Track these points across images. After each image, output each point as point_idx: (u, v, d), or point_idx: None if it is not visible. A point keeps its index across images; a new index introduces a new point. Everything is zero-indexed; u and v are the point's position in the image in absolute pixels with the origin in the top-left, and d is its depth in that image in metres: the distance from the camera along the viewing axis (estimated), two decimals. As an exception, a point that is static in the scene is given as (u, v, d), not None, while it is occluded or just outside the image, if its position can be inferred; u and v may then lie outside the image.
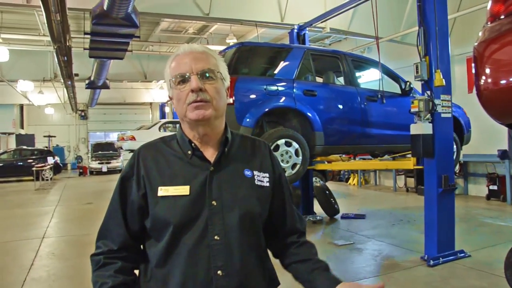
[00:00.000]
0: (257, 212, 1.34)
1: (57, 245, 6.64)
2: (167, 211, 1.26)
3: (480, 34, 2.17)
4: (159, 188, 1.29)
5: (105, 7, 7.04)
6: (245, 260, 1.22)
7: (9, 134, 23.58)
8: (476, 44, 2.14)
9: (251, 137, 1.52)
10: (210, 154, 1.35)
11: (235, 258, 1.23)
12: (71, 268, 5.39)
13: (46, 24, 8.05)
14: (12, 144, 22.78)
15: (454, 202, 5.26)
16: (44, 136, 24.86)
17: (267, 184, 1.39)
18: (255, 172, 1.38)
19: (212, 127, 1.34)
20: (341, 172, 15.42)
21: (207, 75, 1.29)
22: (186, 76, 1.28)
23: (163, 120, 17.79)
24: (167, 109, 23.95)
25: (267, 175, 1.40)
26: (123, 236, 1.33)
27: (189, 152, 1.34)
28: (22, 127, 24.87)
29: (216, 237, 1.24)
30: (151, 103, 27.25)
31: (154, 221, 1.29)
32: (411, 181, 11.83)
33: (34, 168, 15.76)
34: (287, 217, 1.46)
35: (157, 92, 23.55)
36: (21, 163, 18.84)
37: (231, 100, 5.26)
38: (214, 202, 1.27)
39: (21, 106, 24.27)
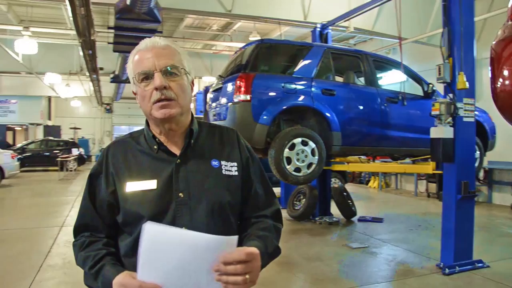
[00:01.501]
0: (226, 201, 1.32)
1: (74, 235, 6.74)
2: (137, 206, 1.25)
3: (499, 32, 2.05)
4: (127, 183, 1.28)
5: (128, 2, 7.11)
6: None
7: (37, 125, 24.21)
8: (493, 43, 2.03)
9: (221, 126, 1.49)
10: (177, 147, 1.34)
11: None
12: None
13: (71, 18, 8.18)
14: (40, 135, 23.43)
15: (473, 210, 5.08)
16: (70, 128, 25.47)
17: (236, 173, 1.37)
18: (223, 162, 1.36)
19: (178, 123, 1.32)
20: (362, 174, 15.20)
21: (171, 71, 1.27)
22: (149, 73, 1.25)
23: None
24: (190, 105, 24.10)
25: (235, 164, 1.38)
26: (101, 225, 1.33)
27: (155, 147, 1.33)
28: (49, 119, 25.53)
29: (183, 228, 1.22)
30: (174, 99, 27.47)
31: (125, 216, 1.28)
32: (433, 186, 11.55)
33: (58, 159, 16.11)
34: (250, 201, 1.41)
35: (180, 88, 23.68)
36: (47, 154, 19.27)
37: (248, 97, 5.24)
38: (181, 194, 1.27)
39: (49, 98, 24.91)
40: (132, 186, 1.27)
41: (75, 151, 19.24)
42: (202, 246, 1.06)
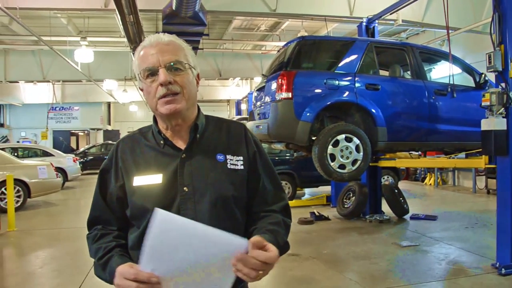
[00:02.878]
0: (230, 195, 1.32)
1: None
2: (143, 200, 1.29)
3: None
4: (135, 178, 1.32)
5: (173, 7, 7.34)
6: None
7: (98, 130, 25.56)
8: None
9: (228, 120, 1.49)
10: (183, 141, 1.36)
11: None
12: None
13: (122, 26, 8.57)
14: (100, 139, 24.69)
15: (532, 206, 4.77)
16: (128, 132, 26.56)
17: (241, 167, 1.36)
18: (228, 156, 1.36)
19: (183, 118, 1.34)
20: (417, 171, 14.67)
21: (175, 67, 1.28)
22: (153, 69, 1.27)
23: (237, 117, 18.12)
24: (243, 106, 24.39)
25: (241, 158, 1.37)
26: (112, 219, 1.39)
27: (161, 142, 1.36)
28: (109, 123, 26.83)
29: None
30: (228, 100, 27.91)
31: (133, 210, 1.32)
32: (493, 182, 10.91)
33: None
34: (259, 195, 1.40)
35: (233, 89, 24.10)
36: (107, 157, 20.20)
37: (289, 95, 5.24)
38: (185, 188, 1.28)
39: (108, 104, 26.19)
40: (139, 180, 1.31)
41: (132, 154, 20.01)
42: (212, 241, 1.08)
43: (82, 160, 17.22)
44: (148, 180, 1.30)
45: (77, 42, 13.09)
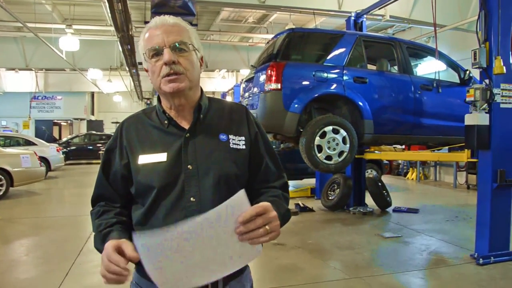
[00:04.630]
0: (233, 173, 1.36)
1: (114, 222, 7.05)
2: (148, 177, 1.32)
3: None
4: (140, 156, 1.35)
5: (163, -4, 7.28)
6: None
7: (81, 120, 25.23)
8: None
9: (229, 101, 1.54)
10: (186, 121, 1.40)
11: None
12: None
13: (110, 14, 8.47)
14: (84, 129, 24.42)
15: (510, 199, 4.92)
16: (112, 123, 26.31)
17: (243, 147, 1.41)
18: (231, 136, 1.40)
19: (186, 98, 1.38)
20: (400, 166, 14.91)
21: (180, 47, 1.31)
22: (158, 49, 1.31)
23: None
24: (228, 98, 24.36)
25: (243, 138, 1.42)
26: (115, 196, 1.43)
27: (165, 121, 1.39)
28: (92, 114, 26.50)
29: (192, 198, 1.29)
30: (213, 92, 27.81)
31: (138, 187, 1.36)
32: (473, 178, 11.16)
33: (101, 152, 16.73)
34: (261, 175, 1.46)
35: (219, 81, 24.02)
36: (90, 147, 20.03)
37: (278, 86, 5.29)
38: (189, 166, 1.32)
39: (92, 94, 25.85)
40: (144, 159, 1.34)
41: (117, 145, 19.86)
42: (214, 220, 1.10)
43: (65, 150, 17.00)
44: (153, 158, 1.33)
45: (62, 30, 12.87)
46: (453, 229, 6.53)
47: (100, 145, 19.78)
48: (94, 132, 21.87)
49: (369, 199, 8.15)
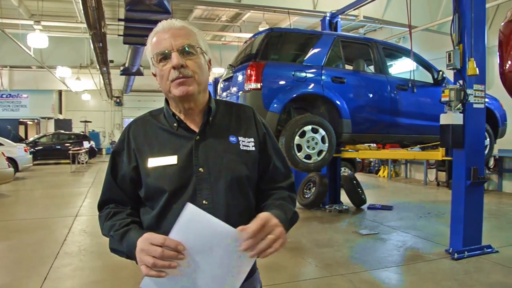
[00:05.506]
0: (244, 175, 1.36)
1: (89, 223, 6.90)
2: (158, 180, 1.31)
3: (507, 14, 2.08)
4: (149, 159, 1.34)
5: (138, -7, 7.16)
6: (232, 222, 1.20)
7: (48, 118, 24.50)
8: (502, 25, 2.07)
9: (237, 103, 1.54)
10: (195, 124, 1.39)
11: (222, 220, 1.22)
12: (100, 245, 5.59)
13: (82, 11, 8.27)
14: (51, 129, 23.69)
15: (483, 196, 5.13)
16: (81, 122, 25.71)
17: (253, 149, 1.41)
18: (240, 138, 1.41)
19: (195, 101, 1.37)
20: (371, 163, 15.22)
21: (188, 50, 1.31)
22: (167, 53, 1.30)
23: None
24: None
25: (252, 139, 1.42)
26: (125, 199, 1.41)
27: (175, 124, 1.38)
28: (60, 112, 25.77)
29: (204, 201, 1.28)
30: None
31: (148, 191, 1.34)
32: (443, 175, 11.55)
33: (70, 152, 16.34)
34: (269, 175, 1.47)
35: (190, 80, 23.72)
36: (58, 147, 19.51)
37: (258, 86, 5.30)
38: (201, 169, 1.32)
39: (60, 92, 25.12)
40: (154, 162, 1.32)
41: (86, 144, 19.44)
42: (230, 237, 1.14)
43: (32, 150, 16.49)
44: (163, 161, 1.32)
45: (30, 26, 12.48)
46: (427, 225, 6.72)
47: (69, 144, 19.30)
48: (62, 131, 21.27)
49: (344, 197, 8.29)
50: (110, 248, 1.33)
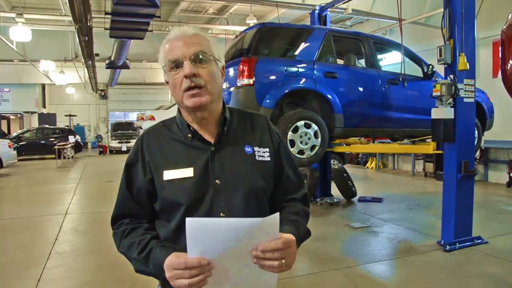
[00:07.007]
0: (261, 187, 1.35)
1: (80, 221, 6.83)
2: (175, 194, 1.29)
3: (509, 16, 2.11)
4: (165, 172, 1.31)
5: (126, -13, 7.07)
6: None
7: (32, 113, 24.07)
8: (504, 27, 2.09)
9: (250, 112, 1.51)
10: (210, 134, 1.37)
11: None
12: (93, 243, 5.56)
13: (67, 4, 8.12)
14: (35, 123, 23.27)
15: (473, 188, 5.21)
16: (65, 116, 25.34)
17: (268, 159, 1.40)
18: (256, 148, 1.39)
19: (209, 111, 1.35)
20: (359, 155, 15.34)
21: (201, 58, 1.29)
22: (179, 62, 1.29)
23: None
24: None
25: (267, 149, 1.40)
26: (141, 212, 1.38)
27: (189, 135, 1.36)
28: (44, 106, 25.37)
29: (221, 214, 1.27)
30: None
31: (164, 204, 1.32)
32: (430, 166, 11.71)
33: (56, 147, 16.12)
34: (282, 185, 1.45)
35: (176, 73, 23.54)
36: (43, 142, 19.24)
37: (251, 81, 5.28)
38: (217, 181, 1.30)
39: (43, 86, 24.70)
40: (170, 174, 1.30)
41: (71, 139, 19.18)
42: (245, 230, 1.10)
43: (16, 145, 16.20)
44: (179, 174, 1.30)
45: (12, 19, 12.20)
46: (417, 217, 6.83)
47: (54, 139, 19.04)
48: (47, 126, 20.95)
49: (334, 190, 8.35)
50: (135, 271, 1.31)
